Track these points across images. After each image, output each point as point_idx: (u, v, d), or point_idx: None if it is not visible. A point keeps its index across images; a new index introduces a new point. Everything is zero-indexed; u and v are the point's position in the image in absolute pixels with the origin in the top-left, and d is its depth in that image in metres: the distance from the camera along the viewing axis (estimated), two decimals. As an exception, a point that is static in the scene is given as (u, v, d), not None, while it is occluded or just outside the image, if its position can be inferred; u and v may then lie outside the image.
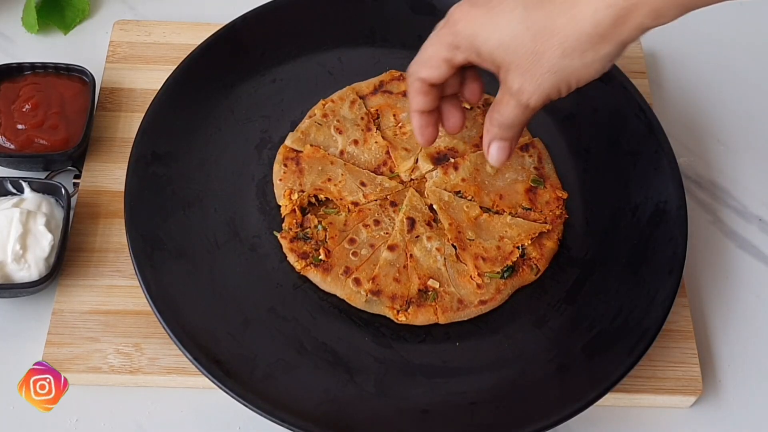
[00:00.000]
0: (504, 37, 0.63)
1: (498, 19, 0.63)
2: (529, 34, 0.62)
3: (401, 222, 0.77)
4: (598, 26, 0.59)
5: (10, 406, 0.71)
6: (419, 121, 0.72)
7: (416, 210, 0.77)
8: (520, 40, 0.62)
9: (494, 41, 0.63)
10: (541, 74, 0.63)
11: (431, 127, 0.73)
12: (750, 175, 0.89)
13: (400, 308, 0.73)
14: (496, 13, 0.63)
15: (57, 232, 0.75)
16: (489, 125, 0.70)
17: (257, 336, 0.71)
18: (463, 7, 0.65)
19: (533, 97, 0.65)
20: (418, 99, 0.71)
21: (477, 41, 0.64)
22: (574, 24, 0.60)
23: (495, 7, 0.63)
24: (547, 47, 0.61)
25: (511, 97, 0.66)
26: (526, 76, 0.63)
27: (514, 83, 0.64)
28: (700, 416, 0.74)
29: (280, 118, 0.84)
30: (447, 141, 0.82)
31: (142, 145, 0.79)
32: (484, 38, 0.64)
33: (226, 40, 0.86)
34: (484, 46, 0.64)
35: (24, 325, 0.75)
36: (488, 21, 0.63)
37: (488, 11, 0.64)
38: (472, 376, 0.71)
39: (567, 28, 0.60)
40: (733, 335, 0.79)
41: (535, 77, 0.63)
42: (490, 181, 0.80)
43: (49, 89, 0.83)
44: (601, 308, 0.75)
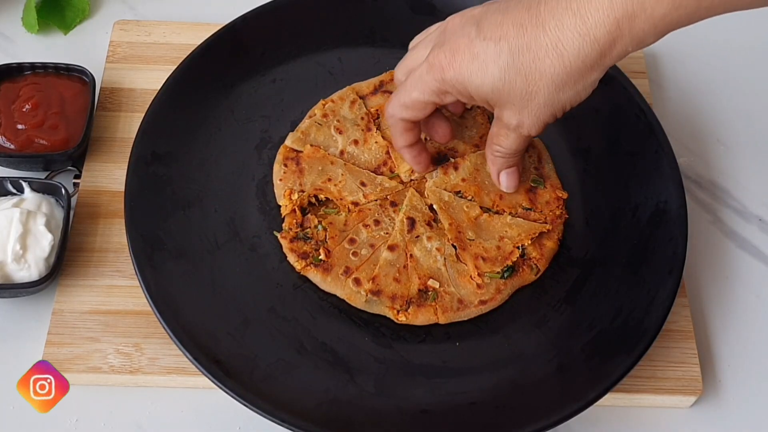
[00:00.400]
0: (496, 83, 0.65)
1: (486, 66, 0.65)
2: (521, 77, 0.64)
3: (401, 222, 0.77)
4: (585, 60, 0.62)
5: (10, 406, 0.71)
6: (409, 153, 0.77)
7: (416, 210, 0.77)
8: (513, 84, 0.65)
9: (487, 87, 0.66)
10: (537, 108, 0.66)
11: (422, 153, 0.77)
12: (750, 175, 0.89)
13: (400, 308, 0.73)
14: (482, 60, 0.65)
15: (57, 232, 0.75)
16: (493, 158, 0.75)
17: (257, 336, 0.71)
18: (445, 54, 0.67)
19: (533, 128, 0.68)
20: (403, 136, 0.75)
21: (468, 88, 0.67)
22: (562, 62, 0.63)
23: (479, 55, 0.66)
24: (540, 86, 0.64)
25: (511, 131, 0.70)
26: (524, 112, 0.67)
27: (512, 120, 0.68)
28: (700, 416, 0.74)
29: (280, 118, 0.84)
30: (447, 141, 0.82)
31: (142, 145, 0.79)
32: (476, 85, 0.66)
33: (226, 40, 0.86)
34: (476, 92, 0.67)
35: (24, 325, 0.75)
36: (477, 69, 0.66)
37: (474, 58, 0.66)
38: (472, 376, 0.71)
39: (556, 67, 0.63)
40: (733, 335, 0.79)
41: (532, 112, 0.66)
42: (490, 181, 0.80)
43: (49, 89, 0.83)
44: (601, 308, 0.75)
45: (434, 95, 0.69)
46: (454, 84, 0.67)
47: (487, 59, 0.65)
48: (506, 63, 0.64)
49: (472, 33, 0.66)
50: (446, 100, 0.70)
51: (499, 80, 0.65)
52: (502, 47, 0.64)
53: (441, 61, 0.67)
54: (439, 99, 0.69)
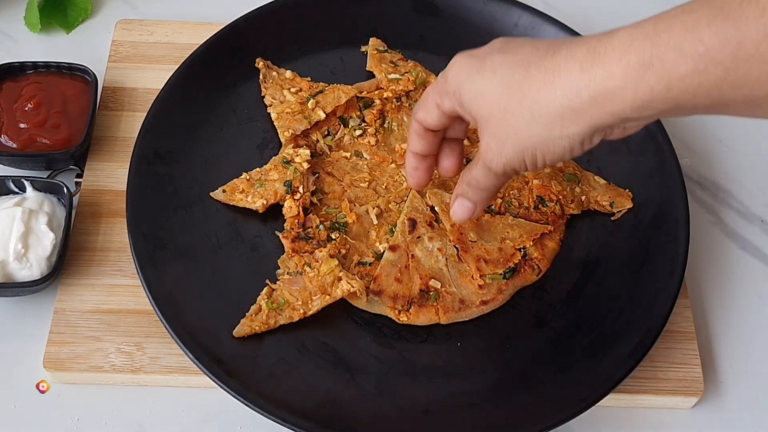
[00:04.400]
0: (482, 89, 0.61)
1: (483, 72, 0.61)
2: (506, 91, 0.59)
3: (402, 223, 0.76)
4: (573, 98, 0.55)
5: (12, 405, 0.71)
6: (411, 162, 0.71)
7: (417, 211, 0.77)
8: (496, 96, 0.60)
9: (474, 92, 0.62)
10: (506, 136, 0.60)
11: (421, 171, 0.72)
12: (752, 176, 0.89)
13: (402, 308, 0.73)
14: (485, 66, 0.61)
15: (59, 231, 0.75)
16: (460, 180, 0.69)
17: (258, 336, 0.71)
18: (463, 55, 0.64)
19: (495, 159, 0.62)
20: (414, 140, 0.70)
21: (461, 89, 0.63)
22: (548, 90, 0.57)
23: (485, 61, 0.61)
24: (516, 107, 0.58)
25: (480, 156, 0.64)
26: (494, 135, 0.61)
27: (483, 141, 0.63)
28: (701, 417, 0.74)
29: (282, 117, 0.84)
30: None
31: (144, 145, 0.79)
32: (467, 88, 0.62)
33: (229, 40, 0.86)
34: (465, 95, 0.62)
35: (25, 324, 0.75)
36: (476, 72, 0.62)
37: (480, 63, 0.62)
38: (474, 377, 0.71)
39: (540, 92, 0.57)
40: (734, 336, 0.79)
41: (500, 138, 0.61)
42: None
43: (51, 88, 0.83)
44: (602, 309, 0.75)
45: (438, 94, 0.66)
46: (453, 82, 0.64)
47: (488, 66, 0.61)
48: (501, 74, 0.59)
49: (496, 46, 0.63)
50: (445, 105, 0.65)
51: (486, 88, 0.60)
52: (506, 60, 0.60)
53: (456, 60, 0.64)
54: (440, 99, 0.66)
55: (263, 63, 0.86)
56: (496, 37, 0.89)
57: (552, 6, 0.98)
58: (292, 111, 0.82)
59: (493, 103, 0.60)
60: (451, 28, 0.90)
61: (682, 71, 0.51)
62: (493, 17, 0.90)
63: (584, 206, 0.80)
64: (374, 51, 0.88)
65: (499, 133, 0.61)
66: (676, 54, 0.51)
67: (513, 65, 0.59)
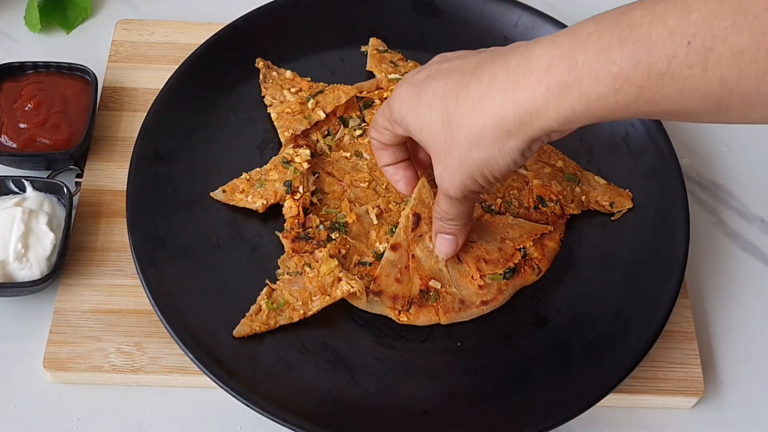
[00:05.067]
0: (424, 124, 0.63)
1: (421, 104, 0.63)
2: (443, 123, 0.62)
3: (406, 218, 0.76)
4: (502, 122, 0.58)
5: (12, 405, 0.71)
6: (389, 173, 0.75)
7: (423, 205, 0.76)
8: (436, 129, 0.62)
9: (418, 126, 0.64)
10: (453, 165, 0.63)
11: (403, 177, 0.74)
12: (752, 176, 0.89)
13: (402, 308, 0.73)
14: (421, 97, 0.63)
15: (59, 231, 0.75)
16: (433, 217, 0.72)
17: (258, 336, 0.71)
18: (403, 84, 0.66)
19: (451, 188, 0.65)
20: (379, 155, 0.73)
21: (406, 121, 0.65)
22: (477, 117, 0.59)
23: (421, 91, 0.63)
24: (456, 138, 0.61)
25: (438, 189, 0.67)
26: (444, 165, 0.64)
27: (436, 172, 0.65)
28: (701, 417, 0.74)
29: (282, 117, 0.84)
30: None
31: (144, 145, 0.79)
32: (411, 121, 0.64)
33: (229, 40, 0.86)
34: (412, 129, 0.65)
35: (25, 324, 0.75)
36: (415, 105, 0.64)
37: (417, 94, 0.64)
38: (474, 377, 0.71)
39: (471, 121, 0.59)
40: (734, 336, 0.79)
41: (449, 167, 0.63)
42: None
43: (51, 88, 0.83)
44: (602, 309, 0.75)
45: (387, 123, 0.68)
46: (398, 114, 0.66)
47: (424, 98, 0.63)
48: (436, 106, 0.62)
49: (432, 70, 0.64)
50: (397, 131, 0.68)
51: (427, 122, 0.63)
52: (438, 88, 0.62)
53: (398, 92, 0.66)
54: (391, 126, 0.68)
55: (263, 63, 0.86)
56: (496, 37, 0.90)
57: (552, 6, 0.98)
58: (292, 111, 0.82)
59: (436, 135, 0.62)
60: (451, 28, 0.90)
61: (599, 91, 0.53)
62: (493, 17, 0.90)
63: (584, 206, 0.80)
64: (374, 51, 0.88)
65: (446, 163, 0.63)
66: (592, 77, 0.53)
67: (445, 95, 0.62)
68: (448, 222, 0.70)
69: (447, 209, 0.69)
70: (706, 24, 0.49)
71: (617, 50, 0.52)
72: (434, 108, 0.62)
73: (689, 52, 0.49)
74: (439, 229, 0.72)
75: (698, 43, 0.49)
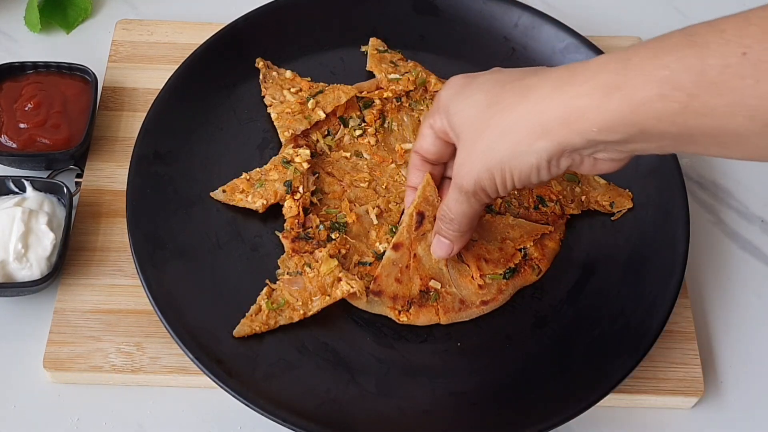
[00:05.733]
0: (465, 106, 0.62)
1: (469, 89, 0.62)
2: (484, 106, 0.61)
3: (410, 216, 0.74)
4: (541, 115, 0.57)
5: (12, 405, 0.71)
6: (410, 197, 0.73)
7: (428, 203, 0.74)
8: (475, 111, 0.61)
9: (457, 107, 0.63)
10: (477, 152, 0.61)
11: None
12: (752, 176, 0.89)
13: (402, 308, 0.73)
14: (472, 83, 0.63)
15: (59, 231, 0.75)
16: (437, 218, 0.71)
17: (258, 336, 0.71)
18: (456, 77, 0.65)
19: (466, 177, 0.63)
20: (412, 173, 0.72)
21: (449, 106, 0.64)
22: (520, 105, 0.58)
23: (475, 79, 0.63)
24: (490, 122, 0.60)
25: (453, 179, 0.65)
26: (468, 151, 0.62)
27: (458, 158, 0.63)
28: (701, 417, 0.74)
29: (282, 117, 0.84)
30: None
31: (144, 145, 0.79)
32: (453, 104, 0.63)
33: (229, 40, 0.86)
34: (451, 110, 0.64)
35: (25, 324, 0.75)
36: (461, 90, 0.63)
37: (468, 81, 0.63)
38: (474, 377, 0.71)
39: (512, 107, 0.58)
40: (734, 336, 0.79)
41: (472, 154, 0.62)
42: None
43: (51, 88, 0.83)
44: (602, 309, 0.75)
45: (431, 114, 0.67)
46: (443, 99, 0.65)
47: (477, 84, 0.62)
48: (485, 90, 0.61)
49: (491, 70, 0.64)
50: (437, 124, 0.66)
51: (469, 103, 0.62)
52: (492, 78, 0.62)
53: (449, 81, 0.65)
54: (433, 119, 0.67)
55: (263, 63, 0.86)
56: (496, 37, 0.90)
57: (552, 6, 0.98)
58: (292, 111, 0.82)
59: (472, 117, 0.61)
60: (451, 28, 0.90)
61: (646, 94, 0.52)
62: (493, 17, 0.90)
63: (584, 206, 0.80)
64: (374, 51, 0.88)
65: (472, 147, 0.62)
66: (641, 77, 0.52)
67: (497, 82, 0.61)
68: (449, 224, 0.69)
69: (452, 206, 0.67)
70: (764, 36, 0.48)
71: (671, 53, 0.51)
72: (480, 92, 0.61)
73: (743, 63, 0.48)
74: (439, 230, 0.71)
75: (753, 55, 0.48)
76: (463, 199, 0.65)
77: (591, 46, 0.87)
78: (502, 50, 0.89)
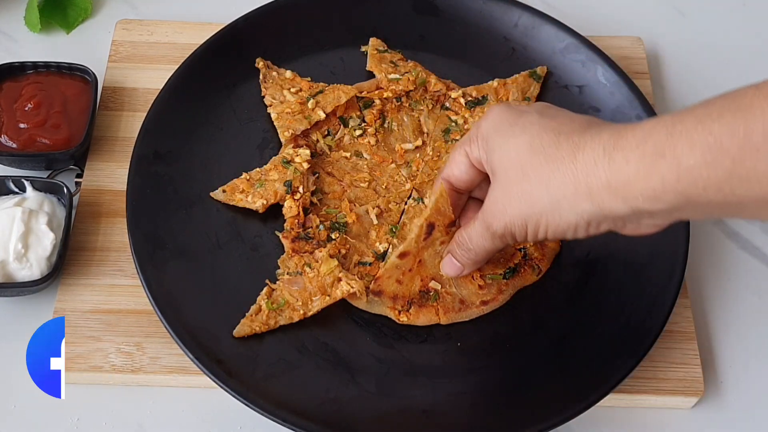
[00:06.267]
0: (509, 143, 0.61)
1: (515, 125, 0.61)
2: (530, 151, 0.59)
3: (420, 228, 0.71)
4: (589, 178, 0.56)
5: (12, 405, 0.71)
6: None
7: (440, 213, 0.70)
8: (519, 153, 0.60)
9: (500, 143, 0.61)
10: (516, 196, 0.60)
11: None
12: (752, 176, 0.89)
13: (402, 308, 0.73)
14: (519, 120, 0.61)
15: (59, 231, 0.75)
16: (454, 239, 0.69)
17: (258, 336, 0.71)
18: (500, 107, 0.64)
19: (498, 217, 0.62)
20: None
21: (490, 137, 0.62)
22: (569, 164, 0.57)
23: (522, 116, 0.61)
24: (536, 171, 0.59)
25: (481, 213, 0.64)
26: (505, 191, 0.61)
27: (491, 195, 0.62)
28: (701, 417, 0.74)
29: (282, 117, 0.84)
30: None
31: (144, 145, 0.79)
32: (496, 138, 0.62)
33: (228, 40, 0.86)
34: (491, 143, 0.62)
35: (26, 324, 0.75)
36: (509, 125, 0.61)
37: (516, 117, 0.62)
38: (474, 377, 0.71)
39: (561, 164, 0.57)
40: (734, 336, 0.79)
41: (510, 196, 0.61)
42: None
43: (51, 88, 0.83)
44: (602, 309, 0.75)
45: (469, 141, 0.65)
46: (485, 129, 0.63)
47: (523, 123, 0.61)
48: (531, 134, 0.59)
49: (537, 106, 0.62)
50: (473, 153, 0.64)
51: (514, 145, 0.60)
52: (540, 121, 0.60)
53: (493, 110, 0.63)
54: (469, 147, 0.65)
55: (263, 63, 0.86)
56: (496, 37, 0.90)
57: (552, 6, 0.98)
58: (292, 111, 0.82)
59: (515, 159, 0.60)
60: (451, 28, 0.90)
61: (692, 162, 0.51)
62: (493, 17, 0.90)
63: None
64: (374, 51, 0.88)
65: (510, 190, 0.60)
66: (687, 144, 0.51)
67: (544, 128, 0.59)
68: (466, 252, 0.68)
69: (473, 236, 0.66)
70: None
71: (716, 119, 0.50)
72: (526, 134, 0.60)
73: None
74: (453, 252, 0.70)
75: None
76: (487, 237, 0.65)
77: (591, 46, 0.87)
78: (502, 50, 0.89)
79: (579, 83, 0.87)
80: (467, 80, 0.87)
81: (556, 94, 0.87)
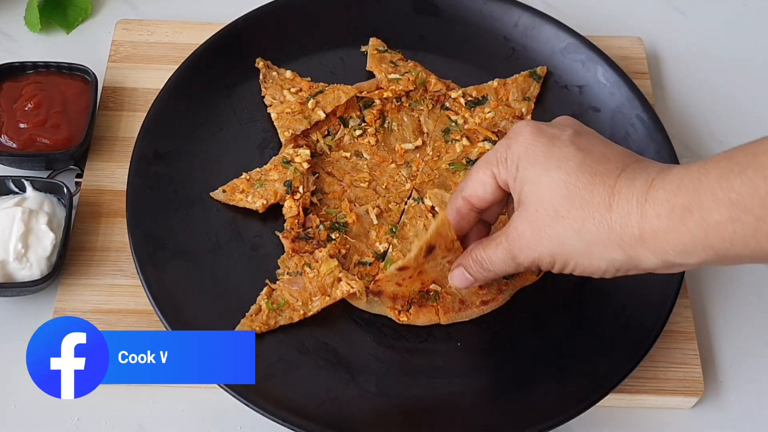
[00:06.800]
0: (544, 179, 0.60)
1: (550, 159, 0.60)
2: (565, 192, 0.58)
3: (419, 249, 0.67)
4: (623, 229, 0.56)
5: (12, 405, 0.71)
6: None
7: (441, 236, 0.67)
8: (554, 192, 0.59)
9: (534, 177, 0.60)
10: (547, 235, 0.60)
11: None
12: (752, 176, 0.89)
13: (402, 308, 0.73)
14: (553, 152, 0.60)
15: (59, 231, 0.75)
16: (468, 254, 0.67)
17: (258, 336, 0.71)
18: (532, 128, 0.62)
19: (525, 251, 0.61)
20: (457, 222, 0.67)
21: (522, 165, 0.61)
22: (604, 212, 0.57)
23: (555, 145, 0.60)
24: (569, 214, 0.58)
25: (506, 240, 0.62)
26: (535, 228, 0.60)
27: (518, 227, 0.61)
28: (701, 417, 0.74)
29: (282, 117, 0.84)
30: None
31: (144, 145, 0.79)
32: (530, 169, 0.61)
33: (229, 40, 0.86)
34: (523, 173, 0.61)
35: (25, 324, 0.75)
36: (542, 155, 0.60)
37: (548, 146, 0.60)
38: (474, 377, 0.71)
39: (596, 211, 0.57)
40: (734, 336, 0.79)
41: (540, 234, 0.60)
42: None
43: (51, 88, 0.83)
44: (602, 309, 0.75)
45: (496, 161, 0.63)
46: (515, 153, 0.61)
47: (555, 154, 0.60)
48: (567, 173, 0.58)
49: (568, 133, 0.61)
50: (501, 175, 0.63)
51: (546, 178, 0.59)
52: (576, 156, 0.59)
53: (523, 133, 0.62)
54: (497, 168, 0.63)
55: (263, 63, 0.86)
56: (496, 37, 0.90)
57: (552, 6, 0.98)
58: (292, 111, 0.82)
59: (548, 197, 0.59)
60: (451, 28, 0.90)
61: (718, 218, 0.51)
62: (493, 17, 0.90)
63: None
64: (374, 51, 0.88)
65: (542, 228, 0.60)
66: (712, 200, 0.51)
67: (581, 167, 0.59)
68: (483, 272, 0.66)
69: (495, 260, 0.64)
70: None
71: (738, 176, 0.50)
72: (562, 172, 0.59)
73: None
74: (467, 267, 0.67)
75: None
76: (510, 264, 0.64)
77: (591, 46, 0.87)
78: (502, 50, 0.89)
79: (579, 83, 0.87)
80: (467, 80, 0.87)
81: (556, 94, 0.87)
